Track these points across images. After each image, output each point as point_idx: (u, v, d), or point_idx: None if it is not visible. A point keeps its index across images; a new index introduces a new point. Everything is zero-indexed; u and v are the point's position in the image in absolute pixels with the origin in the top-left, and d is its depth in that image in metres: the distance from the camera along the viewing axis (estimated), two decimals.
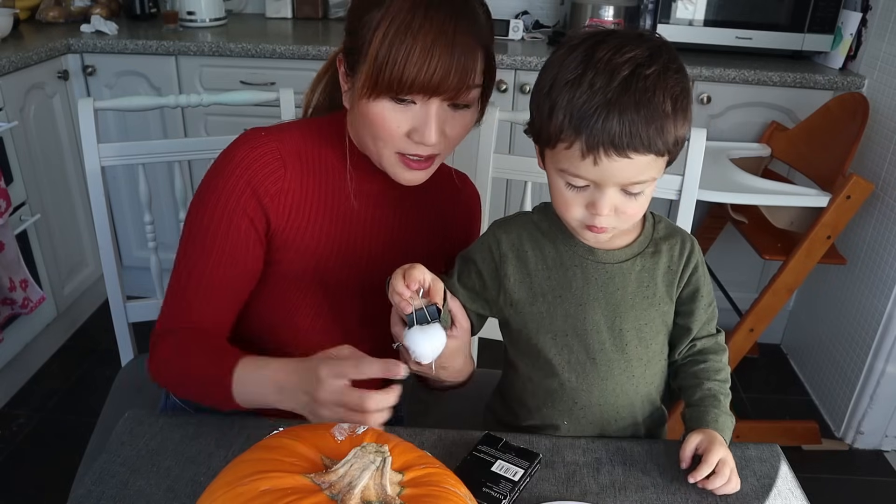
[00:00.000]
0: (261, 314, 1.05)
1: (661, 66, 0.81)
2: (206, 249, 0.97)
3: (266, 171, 0.96)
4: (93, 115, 1.28)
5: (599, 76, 0.79)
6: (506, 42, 2.41)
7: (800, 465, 1.77)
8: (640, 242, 0.95)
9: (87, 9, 2.48)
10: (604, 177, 0.82)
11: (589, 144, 0.80)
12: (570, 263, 0.94)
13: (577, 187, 0.85)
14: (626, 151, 0.80)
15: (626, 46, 0.80)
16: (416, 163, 0.95)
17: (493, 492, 0.84)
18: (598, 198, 0.84)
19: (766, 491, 0.89)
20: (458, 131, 0.95)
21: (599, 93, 0.79)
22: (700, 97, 2.22)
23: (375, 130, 0.92)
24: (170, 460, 0.88)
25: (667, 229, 0.97)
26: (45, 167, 2.19)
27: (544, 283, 0.95)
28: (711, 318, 0.99)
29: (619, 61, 0.79)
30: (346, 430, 0.69)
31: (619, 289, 0.93)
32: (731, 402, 0.99)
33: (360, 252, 1.05)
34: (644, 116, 0.79)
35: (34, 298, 2.02)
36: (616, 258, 0.94)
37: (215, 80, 2.29)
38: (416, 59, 0.86)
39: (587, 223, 0.87)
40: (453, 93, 0.89)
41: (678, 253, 0.96)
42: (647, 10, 2.35)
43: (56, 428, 2.07)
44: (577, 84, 0.80)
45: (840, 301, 2.23)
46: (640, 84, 0.79)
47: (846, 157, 1.85)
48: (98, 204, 1.33)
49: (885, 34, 2.09)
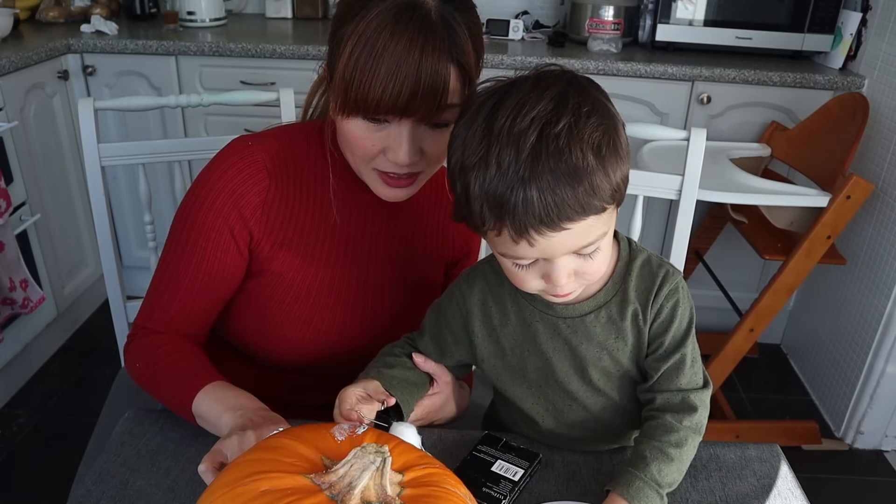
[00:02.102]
0: (250, 325, 1.04)
1: (571, 116, 0.71)
2: (184, 258, 0.97)
3: (249, 183, 0.95)
4: (93, 115, 1.28)
5: (505, 150, 0.70)
6: (506, 42, 2.41)
7: (800, 465, 1.77)
8: (605, 291, 0.86)
9: (87, 9, 2.48)
10: (546, 252, 0.74)
11: (517, 230, 0.72)
12: (531, 319, 0.88)
13: (525, 266, 0.78)
14: (560, 224, 0.71)
15: (526, 105, 0.71)
16: (395, 180, 0.92)
17: (493, 492, 0.84)
18: (551, 270, 0.76)
19: (766, 491, 0.89)
20: (438, 150, 0.89)
21: (510, 170, 0.70)
22: (700, 97, 2.22)
23: (352, 147, 0.91)
24: (170, 460, 0.88)
25: (643, 270, 0.86)
26: (45, 167, 2.19)
27: (511, 338, 0.90)
28: (677, 370, 0.85)
29: (522, 127, 0.70)
30: (346, 430, 0.69)
31: (584, 342, 0.87)
32: (731, 402, 0.96)
33: (353, 263, 1.03)
34: (567, 183, 0.70)
35: (34, 298, 2.03)
36: (577, 312, 0.86)
37: (215, 80, 2.29)
38: (381, 80, 0.82)
39: (549, 292, 0.80)
40: (425, 113, 0.85)
41: (650, 298, 0.85)
42: (647, 10, 2.35)
43: (56, 428, 2.07)
44: (485, 164, 0.71)
45: (840, 301, 2.23)
46: (551, 148, 0.69)
47: (846, 157, 1.85)
48: (98, 204, 1.33)
49: (885, 34, 2.09)
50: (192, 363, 0.96)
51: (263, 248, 0.98)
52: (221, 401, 0.88)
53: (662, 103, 2.25)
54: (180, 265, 0.98)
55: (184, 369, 0.95)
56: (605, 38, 2.33)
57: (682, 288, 0.86)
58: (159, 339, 0.99)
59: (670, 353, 0.85)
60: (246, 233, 0.96)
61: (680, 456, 0.84)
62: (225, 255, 0.97)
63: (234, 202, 0.95)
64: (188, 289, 0.98)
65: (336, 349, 1.05)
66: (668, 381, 0.86)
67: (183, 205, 0.99)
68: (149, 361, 0.98)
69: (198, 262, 0.97)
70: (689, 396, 0.85)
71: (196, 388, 0.90)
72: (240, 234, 0.96)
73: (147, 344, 0.99)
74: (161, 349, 0.98)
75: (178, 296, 0.98)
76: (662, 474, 0.82)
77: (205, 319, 1.02)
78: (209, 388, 0.90)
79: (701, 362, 0.88)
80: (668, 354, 0.85)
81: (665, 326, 0.85)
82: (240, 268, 0.99)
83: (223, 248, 0.96)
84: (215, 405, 0.88)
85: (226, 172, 0.95)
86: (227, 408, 0.86)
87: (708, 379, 0.89)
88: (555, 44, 2.43)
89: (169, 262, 0.99)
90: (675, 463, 0.83)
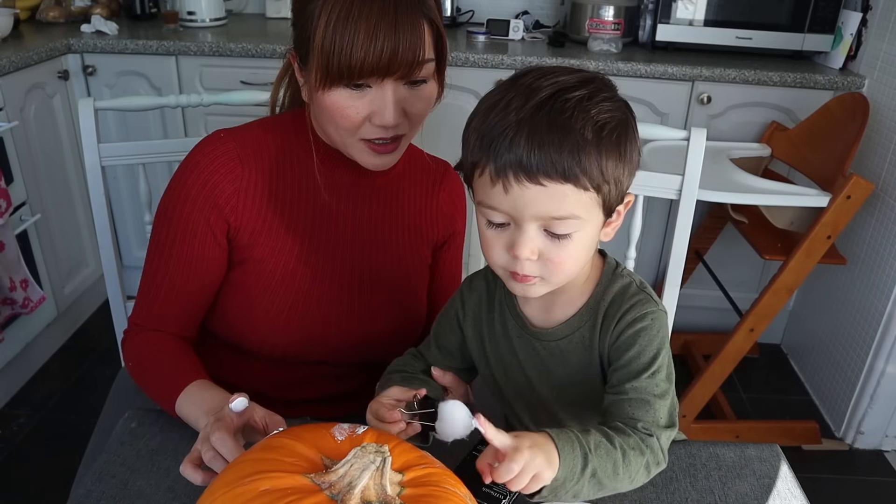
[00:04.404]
0: (239, 315, 1.04)
1: (589, 92, 0.73)
2: (165, 254, 0.99)
3: (222, 172, 0.97)
4: (93, 115, 1.28)
5: (517, 98, 0.73)
6: (506, 42, 2.41)
7: (800, 465, 1.78)
8: (579, 316, 0.84)
9: (88, 9, 2.48)
10: (517, 207, 0.73)
11: (497, 169, 0.72)
12: (513, 334, 0.89)
13: (496, 225, 0.76)
14: (537, 176, 0.70)
15: (555, 74, 0.74)
16: (382, 146, 0.95)
17: (493, 492, 0.84)
18: (518, 237, 0.74)
19: (767, 491, 0.89)
20: (419, 108, 0.94)
21: (513, 112, 0.72)
22: (700, 97, 2.22)
23: (336, 120, 0.92)
24: (170, 460, 0.88)
25: (618, 294, 0.84)
26: (45, 167, 2.19)
27: (496, 350, 0.91)
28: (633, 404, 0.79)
29: (541, 84, 0.73)
30: (346, 430, 0.69)
31: (560, 366, 0.86)
32: (731, 402, 0.96)
33: (337, 247, 1.04)
34: (556, 139, 0.70)
35: (34, 298, 2.03)
36: (553, 336, 0.86)
37: (215, 80, 2.29)
38: (361, 43, 0.85)
39: (510, 269, 0.77)
40: (406, 70, 0.88)
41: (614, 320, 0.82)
42: (647, 10, 2.35)
43: (56, 428, 2.07)
44: (493, 105, 0.74)
45: (840, 301, 2.23)
46: (556, 105, 0.71)
47: (846, 157, 1.85)
48: (98, 204, 1.33)
49: (885, 34, 2.09)
50: (172, 364, 0.97)
51: (243, 236, 0.99)
52: (198, 404, 0.89)
53: (662, 103, 2.25)
54: (162, 261, 0.99)
55: (164, 372, 0.96)
56: (606, 38, 2.33)
57: (654, 321, 0.81)
58: (145, 339, 1.00)
59: (622, 382, 0.80)
60: (222, 222, 0.98)
61: (623, 455, 0.75)
62: (203, 247, 0.98)
63: (207, 192, 0.97)
64: (171, 283, 1.00)
65: (327, 336, 1.05)
66: (621, 411, 0.80)
67: (161, 202, 1.01)
68: (136, 361, 1.00)
69: (178, 256, 0.98)
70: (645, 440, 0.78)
71: (176, 392, 0.91)
72: (216, 224, 0.98)
73: (136, 343, 1.01)
74: (146, 350, 0.99)
75: (162, 291, 1.00)
76: (597, 451, 0.74)
77: (193, 312, 1.03)
78: (188, 391, 0.91)
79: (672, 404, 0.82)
80: (619, 383, 0.80)
81: (620, 353, 0.81)
82: (219, 258, 1.00)
83: (200, 239, 0.98)
84: (193, 408, 0.89)
85: (198, 164, 0.98)
86: (203, 412, 0.87)
87: (674, 421, 0.82)
88: (555, 44, 2.43)
89: (152, 259, 1.01)
90: (614, 455, 0.74)
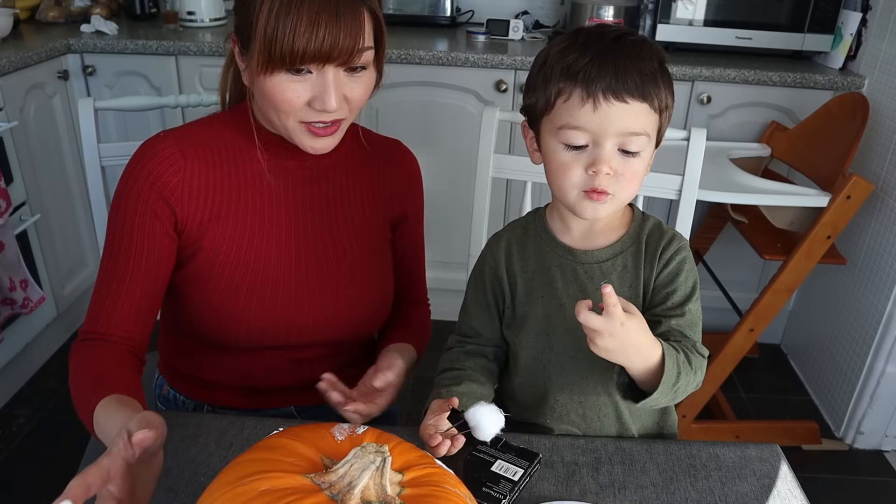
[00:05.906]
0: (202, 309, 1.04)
1: (641, 36, 0.88)
2: (114, 253, 0.99)
3: (164, 165, 0.99)
4: (93, 115, 1.29)
5: (591, 38, 0.86)
6: (506, 42, 2.40)
7: (800, 465, 1.78)
8: (622, 242, 0.95)
9: (87, 9, 2.48)
10: (602, 125, 0.84)
11: (588, 90, 0.83)
12: (551, 263, 0.96)
13: (575, 148, 0.86)
14: (623, 95, 0.83)
15: (606, 25, 0.89)
16: (322, 129, 0.96)
17: (493, 492, 0.84)
18: (598, 154, 0.85)
19: (766, 491, 0.89)
20: (358, 94, 0.96)
21: (592, 48, 0.84)
22: (700, 97, 2.22)
23: (276, 104, 0.94)
24: (170, 460, 0.88)
25: (655, 227, 0.96)
26: (45, 167, 2.19)
27: (528, 284, 0.98)
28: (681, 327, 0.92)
29: (605, 30, 0.87)
30: (346, 430, 0.69)
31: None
32: (731, 402, 0.98)
33: (289, 230, 1.05)
34: (636, 65, 0.84)
35: (34, 298, 2.03)
36: (596, 258, 0.95)
37: (215, 80, 2.27)
38: (303, 31, 0.87)
39: (587, 187, 0.86)
40: (346, 58, 0.91)
41: (659, 249, 0.94)
42: (647, 10, 2.35)
43: (56, 428, 2.07)
44: (569, 48, 0.86)
45: (840, 301, 2.23)
46: (627, 41, 0.86)
47: (846, 157, 1.85)
48: (98, 204, 1.33)
49: (885, 34, 2.09)
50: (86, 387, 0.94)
51: (191, 226, 1.00)
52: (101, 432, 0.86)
53: None
54: (111, 261, 0.99)
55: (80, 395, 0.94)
56: None
57: (689, 253, 0.94)
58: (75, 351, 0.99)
59: (676, 306, 0.92)
60: (169, 212, 0.99)
61: (695, 375, 0.89)
62: (152, 238, 0.99)
63: (151, 184, 0.98)
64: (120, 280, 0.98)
65: (290, 318, 1.05)
66: (677, 332, 0.92)
67: (111, 207, 1.02)
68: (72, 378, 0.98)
69: (126, 252, 0.98)
70: (695, 347, 0.91)
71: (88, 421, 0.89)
72: (163, 214, 0.99)
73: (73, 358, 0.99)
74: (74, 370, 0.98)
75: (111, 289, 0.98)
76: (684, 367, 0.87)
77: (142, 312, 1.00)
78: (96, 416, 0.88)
79: (700, 333, 0.94)
80: (673, 308, 0.92)
81: (671, 278, 0.93)
82: (168, 249, 1.00)
83: (149, 230, 0.98)
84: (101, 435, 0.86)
85: (140, 161, 0.99)
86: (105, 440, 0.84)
87: (706, 350, 0.94)
88: None
89: (104, 265, 1.00)
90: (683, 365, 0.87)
